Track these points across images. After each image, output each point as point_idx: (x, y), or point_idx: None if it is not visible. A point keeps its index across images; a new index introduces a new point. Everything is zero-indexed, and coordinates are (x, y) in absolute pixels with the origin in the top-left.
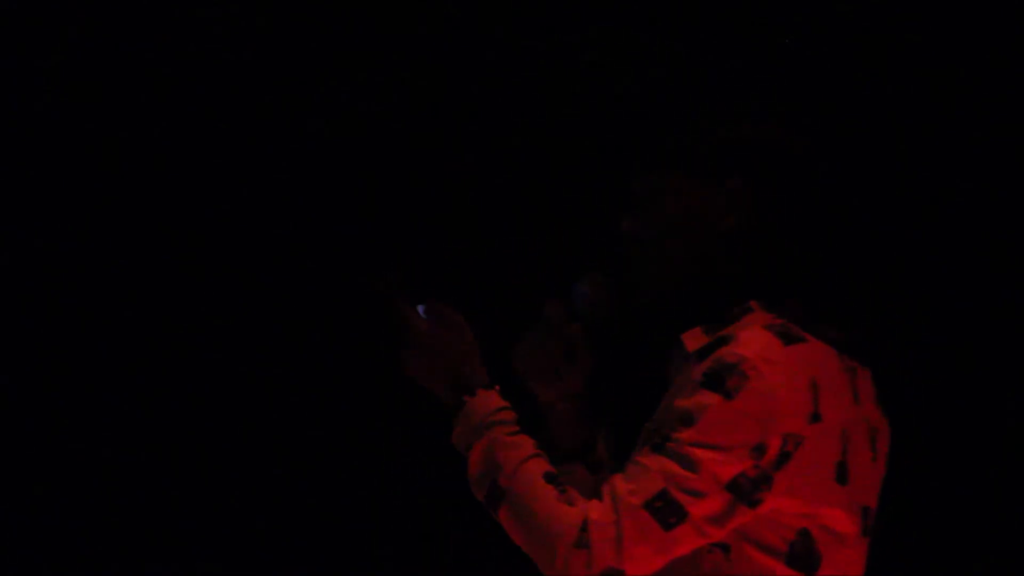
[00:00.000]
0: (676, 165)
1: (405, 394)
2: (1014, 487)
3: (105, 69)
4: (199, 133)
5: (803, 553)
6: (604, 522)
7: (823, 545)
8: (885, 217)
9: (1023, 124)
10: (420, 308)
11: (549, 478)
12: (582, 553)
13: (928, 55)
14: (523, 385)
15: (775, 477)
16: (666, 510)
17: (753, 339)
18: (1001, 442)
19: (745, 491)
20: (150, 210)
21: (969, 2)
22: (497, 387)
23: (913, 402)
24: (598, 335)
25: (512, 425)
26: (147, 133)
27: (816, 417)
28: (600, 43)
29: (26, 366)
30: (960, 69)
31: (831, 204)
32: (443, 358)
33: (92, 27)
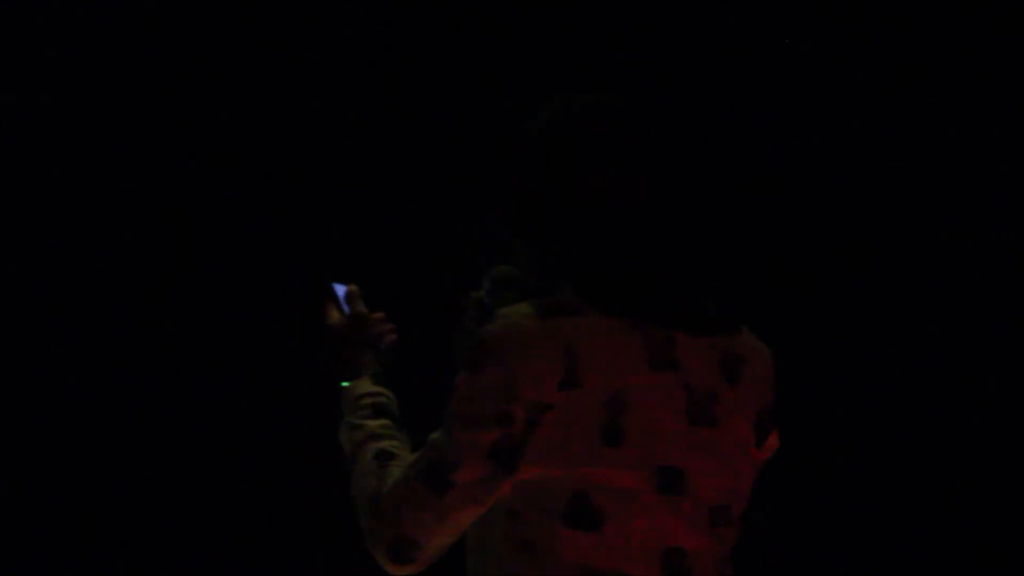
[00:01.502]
0: (496, 176)
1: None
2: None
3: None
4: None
5: (581, 512)
6: (390, 493)
7: (606, 503)
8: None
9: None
10: (341, 289)
11: (378, 456)
12: (375, 523)
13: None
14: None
15: (527, 444)
16: (436, 480)
17: (506, 314)
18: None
19: (503, 458)
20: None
21: None
22: (367, 376)
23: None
24: None
25: (366, 410)
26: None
27: (571, 383)
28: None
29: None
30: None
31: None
32: (347, 347)
33: (91, 27)
